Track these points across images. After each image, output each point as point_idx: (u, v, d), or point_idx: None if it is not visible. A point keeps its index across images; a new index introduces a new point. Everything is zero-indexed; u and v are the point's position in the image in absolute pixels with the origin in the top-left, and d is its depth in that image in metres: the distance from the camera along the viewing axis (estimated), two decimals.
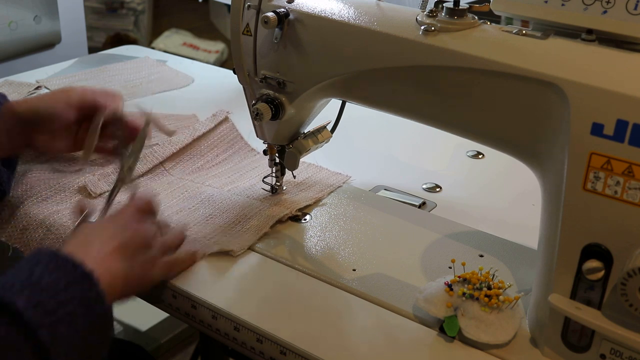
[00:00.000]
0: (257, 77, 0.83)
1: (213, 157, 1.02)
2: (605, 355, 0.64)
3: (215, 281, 0.77)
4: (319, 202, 0.91)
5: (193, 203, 0.89)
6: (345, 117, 0.90)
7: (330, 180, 0.97)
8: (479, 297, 0.68)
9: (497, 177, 1.04)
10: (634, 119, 0.58)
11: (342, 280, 0.77)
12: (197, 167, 0.99)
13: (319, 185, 0.95)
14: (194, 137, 1.02)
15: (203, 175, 0.97)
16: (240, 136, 1.06)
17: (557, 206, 0.64)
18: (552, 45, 0.66)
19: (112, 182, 0.92)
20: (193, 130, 1.04)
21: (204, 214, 0.87)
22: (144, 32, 3.25)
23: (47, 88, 1.29)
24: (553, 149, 0.64)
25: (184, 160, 1.00)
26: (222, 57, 3.24)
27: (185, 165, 0.99)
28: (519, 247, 0.84)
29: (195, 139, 1.02)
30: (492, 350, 0.68)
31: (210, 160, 1.01)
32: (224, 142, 1.04)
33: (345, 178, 0.97)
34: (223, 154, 1.03)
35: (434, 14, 0.71)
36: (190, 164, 1.00)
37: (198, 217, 0.86)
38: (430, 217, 0.91)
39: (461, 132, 0.73)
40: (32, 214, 0.86)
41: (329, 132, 0.90)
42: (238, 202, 0.89)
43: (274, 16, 0.76)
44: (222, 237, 0.82)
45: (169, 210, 0.88)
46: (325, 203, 0.92)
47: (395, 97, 0.76)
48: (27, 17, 1.45)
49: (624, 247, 0.60)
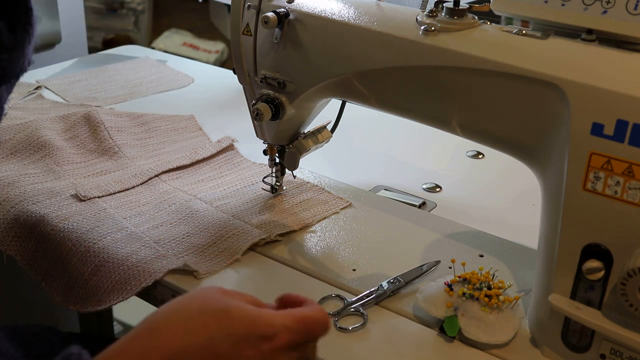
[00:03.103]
0: (257, 77, 0.83)
1: (217, 174, 1.00)
2: (605, 355, 0.64)
3: (215, 281, 0.77)
4: (307, 229, 0.86)
5: (176, 218, 0.87)
6: (345, 117, 0.90)
7: (327, 206, 0.91)
8: (479, 297, 0.68)
9: (497, 177, 1.04)
10: (634, 119, 0.58)
11: (342, 280, 0.77)
12: (196, 180, 0.97)
13: (313, 210, 0.90)
14: (193, 160, 1.01)
15: (198, 188, 0.95)
16: (246, 160, 1.03)
17: (557, 206, 0.64)
18: (552, 45, 0.65)
19: (103, 188, 0.92)
20: (194, 153, 1.02)
21: (182, 231, 0.84)
22: (144, 32, 3.25)
23: (47, 88, 1.29)
24: (553, 149, 0.64)
25: (184, 176, 0.98)
26: (222, 57, 3.24)
27: (185, 178, 0.98)
28: (519, 247, 0.84)
29: (199, 160, 1.01)
30: (492, 350, 0.68)
31: (211, 176, 0.99)
32: (229, 164, 1.02)
33: (345, 203, 0.92)
34: (227, 173, 1.00)
35: (434, 14, 0.71)
36: (190, 177, 0.98)
37: (175, 234, 0.84)
38: (430, 217, 0.91)
39: (461, 132, 0.73)
40: (22, 219, 0.86)
41: (329, 132, 0.90)
42: (220, 220, 0.86)
43: (274, 16, 0.76)
44: (192, 257, 0.80)
45: (150, 223, 0.86)
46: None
47: (395, 97, 0.76)
48: None
49: (624, 247, 0.60)
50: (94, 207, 0.88)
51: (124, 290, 0.75)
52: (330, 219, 0.89)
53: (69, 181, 0.95)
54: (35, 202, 0.88)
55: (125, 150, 1.04)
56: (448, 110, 0.72)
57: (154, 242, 0.82)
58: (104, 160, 1.02)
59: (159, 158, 1.03)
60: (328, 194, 0.94)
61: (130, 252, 0.79)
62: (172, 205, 0.90)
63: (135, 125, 1.12)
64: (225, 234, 0.84)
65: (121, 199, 0.91)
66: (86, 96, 1.27)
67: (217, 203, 0.91)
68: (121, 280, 0.76)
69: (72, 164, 1.00)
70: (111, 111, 1.15)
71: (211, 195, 0.93)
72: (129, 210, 0.89)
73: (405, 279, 0.76)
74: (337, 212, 0.90)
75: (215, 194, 0.93)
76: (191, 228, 0.85)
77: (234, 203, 0.91)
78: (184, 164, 1.00)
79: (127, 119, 1.13)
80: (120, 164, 1.01)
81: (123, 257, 0.78)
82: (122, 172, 0.98)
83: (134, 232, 0.84)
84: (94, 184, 0.93)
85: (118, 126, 1.09)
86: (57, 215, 0.85)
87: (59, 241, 0.82)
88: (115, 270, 0.77)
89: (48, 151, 1.01)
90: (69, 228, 0.83)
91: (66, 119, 1.10)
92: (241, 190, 0.95)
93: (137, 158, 1.03)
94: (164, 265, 0.77)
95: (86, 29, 1.62)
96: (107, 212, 0.87)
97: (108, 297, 0.76)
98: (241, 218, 0.87)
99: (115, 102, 1.26)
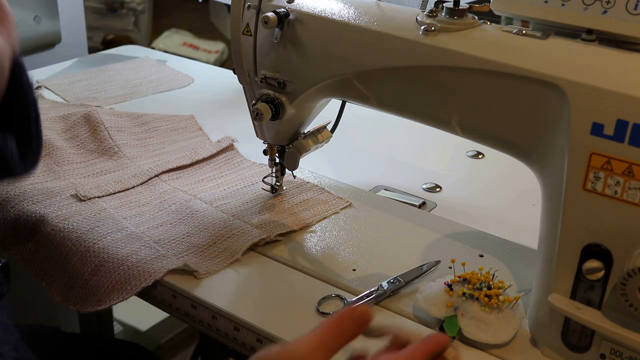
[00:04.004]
0: (257, 77, 0.83)
1: (217, 174, 0.99)
2: (605, 355, 0.64)
3: (215, 281, 0.77)
4: (307, 229, 0.86)
5: (176, 218, 0.87)
6: (345, 117, 0.90)
7: (327, 206, 0.91)
8: (479, 297, 0.68)
9: (497, 177, 1.04)
10: (634, 119, 0.58)
11: (342, 280, 0.77)
12: (196, 180, 0.97)
13: (313, 210, 0.90)
14: (193, 160, 1.01)
15: (198, 188, 0.95)
16: (246, 160, 1.03)
17: (557, 206, 0.64)
18: (552, 45, 0.65)
19: (103, 188, 0.92)
20: (194, 153, 1.02)
21: (182, 231, 0.84)
22: (144, 32, 3.24)
23: (47, 88, 1.30)
24: (553, 149, 0.64)
25: (184, 176, 0.98)
26: (222, 57, 3.24)
27: (185, 178, 0.98)
28: (519, 247, 0.84)
29: (199, 160, 1.01)
30: (492, 350, 0.68)
31: (211, 176, 0.99)
32: (229, 164, 1.02)
33: (345, 203, 0.92)
34: (227, 173, 1.00)
35: (434, 14, 0.71)
36: (190, 177, 0.98)
37: (176, 234, 0.84)
38: (430, 217, 0.91)
39: (461, 132, 0.73)
40: (22, 219, 0.86)
41: (329, 132, 0.90)
42: (220, 220, 0.86)
43: (274, 16, 0.76)
44: (192, 257, 0.79)
45: (150, 223, 0.86)
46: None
47: (395, 97, 0.76)
48: (27, 17, 1.45)
49: (624, 247, 0.60)
50: (94, 207, 0.88)
51: (124, 290, 0.76)
52: (330, 219, 0.89)
53: (68, 181, 0.95)
54: (35, 202, 0.88)
55: (125, 150, 1.04)
56: (448, 110, 0.72)
57: (154, 242, 0.82)
58: (104, 160, 1.02)
59: (159, 158, 1.03)
60: (328, 194, 0.94)
61: (130, 252, 0.79)
62: (172, 205, 0.90)
63: (135, 125, 1.11)
64: (225, 234, 0.84)
65: (121, 199, 0.91)
66: (86, 96, 1.27)
67: (217, 203, 0.91)
68: (121, 280, 0.76)
69: (72, 164, 0.99)
70: (111, 111, 1.15)
71: (211, 195, 0.93)
72: (129, 210, 0.89)
73: (405, 279, 0.76)
74: (337, 212, 0.90)
75: (215, 194, 0.93)
76: (191, 228, 0.85)
77: (234, 203, 0.91)
78: (184, 164, 1.00)
79: (127, 119, 1.12)
80: (120, 164, 1.01)
81: (123, 257, 0.78)
82: (122, 172, 0.98)
83: (134, 232, 0.84)
84: (94, 184, 0.93)
85: (118, 126, 1.09)
86: (57, 215, 0.85)
87: (59, 241, 0.82)
88: (115, 270, 0.77)
89: (48, 151, 1.00)
90: (69, 228, 0.83)
91: (66, 119, 1.10)
92: (241, 190, 0.95)
93: (137, 158, 1.03)
94: (163, 265, 0.77)
95: (86, 29, 1.62)
96: (107, 212, 0.87)
97: (108, 297, 0.76)
98: (241, 218, 0.87)
99: (115, 102, 1.26)
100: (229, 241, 0.82)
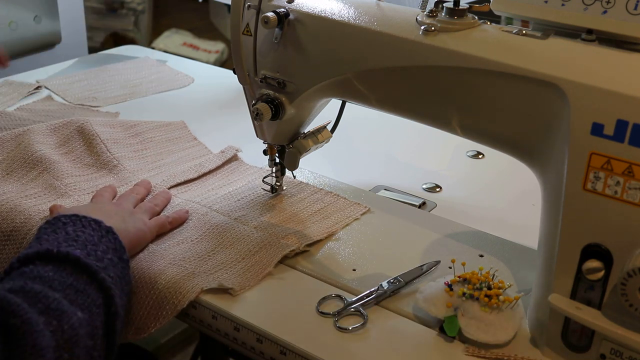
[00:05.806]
0: (257, 77, 0.83)
1: (226, 182, 0.97)
2: (605, 355, 0.64)
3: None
4: (332, 236, 0.85)
5: (197, 234, 0.84)
6: (345, 117, 0.90)
7: (347, 212, 0.90)
8: (479, 297, 0.68)
9: (497, 177, 1.04)
10: (634, 119, 0.58)
11: (342, 280, 0.77)
12: (206, 190, 0.95)
13: (334, 217, 0.89)
14: (200, 173, 0.98)
15: (211, 197, 0.92)
16: (251, 167, 1.02)
17: (557, 206, 0.64)
18: (552, 45, 0.65)
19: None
20: (199, 166, 1.00)
21: (206, 248, 0.81)
22: (144, 32, 3.24)
23: (47, 88, 1.30)
24: (553, 149, 0.64)
25: (192, 188, 0.96)
26: (222, 57, 3.24)
27: (194, 190, 0.95)
28: (519, 247, 0.84)
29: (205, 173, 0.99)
30: (492, 350, 0.68)
31: (221, 184, 0.97)
32: (236, 172, 1.00)
33: (364, 209, 0.91)
34: (236, 179, 0.98)
35: (434, 14, 0.71)
36: (199, 189, 0.95)
37: (200, 251, 0.81)
38: (430, 217, 0.91)
39: (461, 132, 0.73)
40: None
41: (329, 132, 0.90)
42: (243, 234, 0.84)
43: (274, 16, 0.76)
44: (223, 274, 0.77)
45: (171, 240, 0.83)
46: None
47: (395, 97, 0.76)
48: (27, 17, 1.45)
49: (624, 247, 0.60)
50: None
51: (160, 315, 0.73)
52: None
53: (73, 198, 0.91)
54: None
55: (125, 163, 1.00)
56: (448, 110, 0.72)
57: (179, 259, 0.79)
58: (105, 175, 0.98)
59: (161, 170, 1.00)
60: (344, 200, 0.93)
61: (157, 272, 0.76)
62: (188, 221, 0.87)
63: (129, 136, 1.07)
64: (253, 248, 0.81)
65: None
66: (86, 96, 1.28)
67: (235, 215, 0.88)
68: (155, 305, 0.74)
69: (73, 177, 0.95)
70: (104, 122, 1.09)
71: (227, 207, 0.90)
72: None
73: (405, 279, 0.76)
74: (358, 218, 0.90)
75: (231, 205, 0.90)
76: (215, 245, 0.82)
77: (253, 214, 0.88)
78: (191, 178, 0.97)
79: (120, 129, 1.08)
80: (123, 178, 0.97)
81: (151, 277, 0.76)
82: (128, 188, 0.94)
83: (155, 250, 0.81)
84: None
85: (113, 138, 1.05)
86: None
87: None
88: (147, 294, 0.75)
89: (45, 166, 0.95)
90: None
91: (58, 132, 1.04)
92: (249, 197, 0.93)
93: (138, 171, 0.99)
94: (195, 284, 0.74)
95: (86, 29, 1.62)
96: None
97: (146, 324, 0.74)
98: (264, 230, 0.85)
99: (115, 102, 1.26)
100: (258, 254, 0.80)
